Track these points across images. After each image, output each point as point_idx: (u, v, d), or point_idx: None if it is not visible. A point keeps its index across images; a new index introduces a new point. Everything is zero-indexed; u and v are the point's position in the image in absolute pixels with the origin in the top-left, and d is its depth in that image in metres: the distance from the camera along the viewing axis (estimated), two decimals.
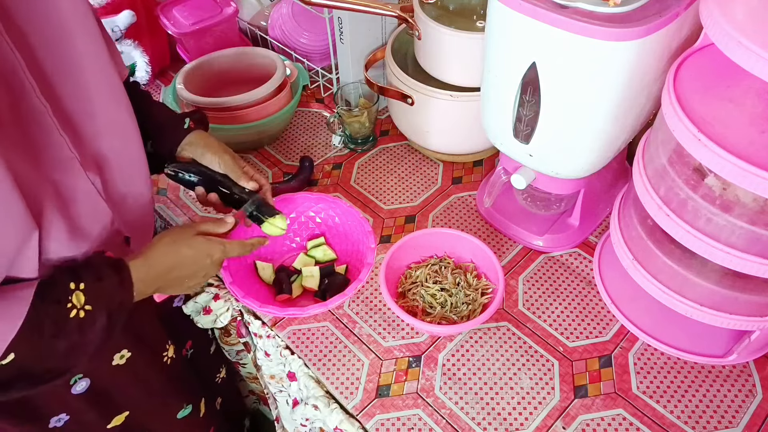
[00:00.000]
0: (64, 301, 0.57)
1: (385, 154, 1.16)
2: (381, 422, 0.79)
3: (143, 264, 0.65)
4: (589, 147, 0.78)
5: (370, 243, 0.88)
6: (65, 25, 0.60)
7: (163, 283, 0.68)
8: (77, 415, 0.77)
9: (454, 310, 0.86)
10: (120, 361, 0.79)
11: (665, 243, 0.73)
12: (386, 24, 1.17)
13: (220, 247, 0.73)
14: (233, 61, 1.21)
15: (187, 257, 0.70)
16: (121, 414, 0.83)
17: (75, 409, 0.77)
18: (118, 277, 0.62)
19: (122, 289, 0.62)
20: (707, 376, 0.81)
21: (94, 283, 0.59)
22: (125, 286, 0.62)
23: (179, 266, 0.69)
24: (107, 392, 0.80)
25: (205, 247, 0.71)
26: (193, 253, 0.70)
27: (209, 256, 0.71)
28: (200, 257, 0.71)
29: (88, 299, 0.58)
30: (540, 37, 0.68)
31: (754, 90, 0.62)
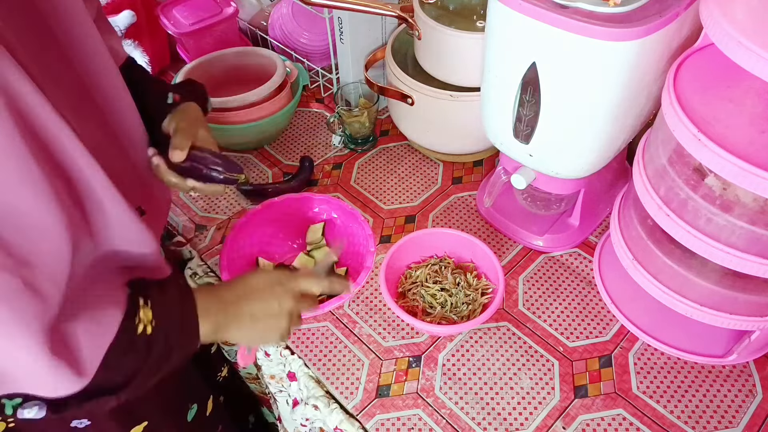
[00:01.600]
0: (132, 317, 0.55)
1: (385, 154, 1.16)
2: (381, 422, 0.79)
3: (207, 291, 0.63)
4: (589, 147, 0.78)
5: (370, 246, 0.88)
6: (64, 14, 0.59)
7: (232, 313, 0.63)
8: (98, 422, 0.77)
9: (454, 310, 0.86)
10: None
11: (665, 243, 0.73)
12: (386, 24, 1.17)
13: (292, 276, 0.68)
14: (233, 61, 1.21)
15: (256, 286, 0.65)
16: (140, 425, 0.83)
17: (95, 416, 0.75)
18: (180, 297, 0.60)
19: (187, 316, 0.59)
20: (707, 376, 0.81)
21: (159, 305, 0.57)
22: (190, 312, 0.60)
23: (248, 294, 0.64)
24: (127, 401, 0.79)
25: (276, 276, 0.67)
26: (263, 282, 0.66)
27: (281, 284, 0.66)
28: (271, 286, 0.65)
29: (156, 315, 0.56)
30: (540, 37, 0.68)
31: (754, 90, 0.62)
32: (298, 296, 0.67)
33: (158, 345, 0.57)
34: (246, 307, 0.64)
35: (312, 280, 0.69)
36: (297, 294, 0.67)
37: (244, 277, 0.66)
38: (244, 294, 0.64)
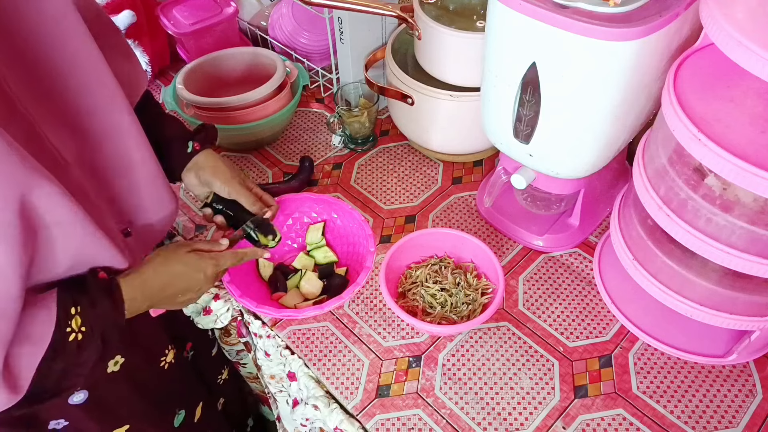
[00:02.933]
0: (63, 324, 0.57)
1: (385, 154, 1.16)
2: (381, 422, 0.79)
3: (136, 283, 0.66)
4: (589, 147, 0.78)
5: (370, 246, 0.88)
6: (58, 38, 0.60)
7: (156, 300, 0.69)
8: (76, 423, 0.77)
9: (454, 310, 0.86)
10: (114, 368, 0.78)
11: (665, 243, 0.73)
12: (386, 24, 1.17)
13: (212, 261, 0.74)
14: (233, 61, 1.21)
15: (179, 274, 0.71)
16: (121, 427, 0.83)
17: (74, 417, 0.77)
18: (109, 300, 0.63)
19: (115, 312, 0.63)
20: (707, 376, 0.81)
21: (88, 309, 0.60)
22: (117, 308, 0.63)
23: (172, 283, 0.70)
24: (107, 402, 0.79)
25: (196, 264, 0.72)
26: (185, 269, 0.71)
27: (202, 271, 0.72)
28: (192, 273, 0.72)
29: (84, 322, 0.59)
30: (540, 37, 0.68)
31: (754, 90, 0.62)
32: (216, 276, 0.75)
33: (88, 346, 0.60)
34: (169, 292, 0.70)
35: (228, 258, 0.76)
36: (216, 274, 0.75)
37: (168, 261, 0.70)
38: (168, 282, 0.69)
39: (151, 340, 0.87)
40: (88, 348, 0.60)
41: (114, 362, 0.78)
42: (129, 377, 0.81)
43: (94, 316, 0.60)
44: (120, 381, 0.80)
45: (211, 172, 0.81)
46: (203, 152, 0.82)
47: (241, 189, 0.82)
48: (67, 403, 0.75)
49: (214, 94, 1.12)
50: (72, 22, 0.61)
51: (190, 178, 0.82)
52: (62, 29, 0.60)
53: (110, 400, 0.80)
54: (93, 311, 0.60)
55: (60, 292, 0.59)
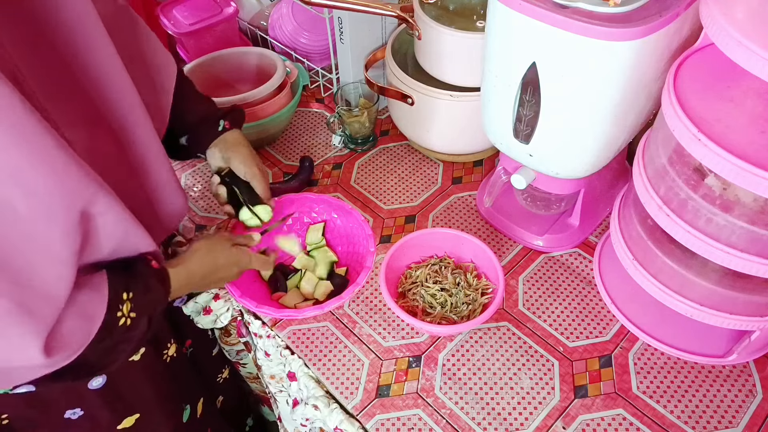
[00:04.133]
0: (114, 309, 0.59)
1: (385, 154, 1.16)
2: (381, 422, 0.79)
3: (183, 273, 0.70)
4: (589, 147, 0.78)
5: (370, 246, 0.88)
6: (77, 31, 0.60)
7: (194, 287, 0.75)
8: (91, 410, 0.79)
9: (454, 310, 0.86)
10: (135, 357, 0.81)
11: (665, 243, 0.73)
12: (386, 24, 1.17)
13: (247, 258, 0.81)
14: (233, 61, 1.21)
15: (221, 266, 0.77)
16: (132, 416, 0.84)
17: (89, 404, 0.78)
18: (163, 289, 0.66)
19: (164, 300, 0.67)
20: (707, 376, 0.81)
21: (143, 294, 0.63)
22: (167, 296, 0.67)
23: (212, 274, 0.75)
24: (121, 389, 0.81)
25: (237, 258, 0.79)
26: (227, 262, 0.77)
27: (238, 265, 0.79)
28: (231, 266, 0.78)
29: (134, 308, 0.62)
30: (540, 37, 0.68)
31: (754, 90, 0.62)
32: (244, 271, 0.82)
33: (135, 329, 0.63)
34: (207, 281, 0.76)
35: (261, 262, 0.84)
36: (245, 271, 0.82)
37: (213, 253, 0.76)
38: (210, 272, 0.75)
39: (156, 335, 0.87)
40: (135, 330, 0.63)
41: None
42: (144, 367, 0.83)
43: (146, 302, 0.63)
44: (137, 369, 0.82)
45: (234, 149, 0.86)
46: (232, 132, 0.87)
47: (257, 172, 0.86)
48: (86, 388, 0.76)
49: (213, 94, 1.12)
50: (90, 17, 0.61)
51: (215, 152, 0.87)
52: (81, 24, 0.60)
53: (125, 387, 0.81)
54: (145, 297, 0.63)
55: (111, 277, 0.60)
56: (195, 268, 0.73)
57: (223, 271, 0.77)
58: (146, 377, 0.84)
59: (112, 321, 0.59)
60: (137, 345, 0.65)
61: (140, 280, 0.63)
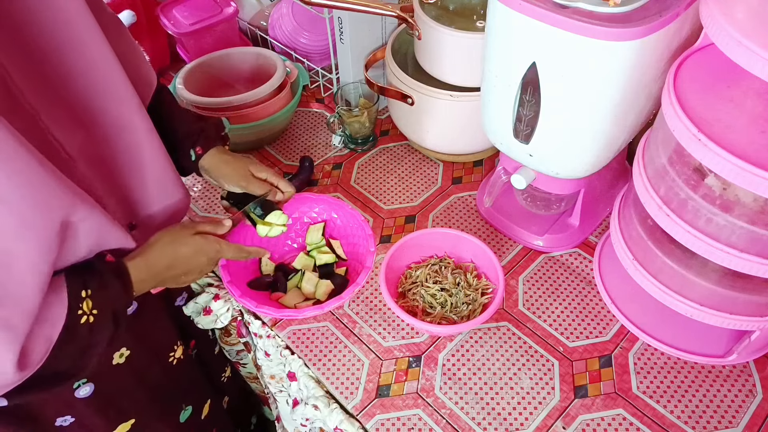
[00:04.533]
0: (75, 308, 0.58)
1: (385, 154, 1.16)
2: (381, 422, 0.79)
3: (142, 264, 0.67)
4: (589, 147, 0.78)
5: (370, 246, 0.88)
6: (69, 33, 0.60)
7: (161, 279, 0.71)
8: (82, 419, 0.78)
9: (454, 310, 0.86)
10: (120, 360, 0.79)
11: (665, 243, 0.73)
12: (386, 24, 1.17)
13: (216, 246, 0.75)
14: (233, 61, 1.21)
15: (184, 256, 0.72)
16: (127, 422, 0.83)
17: (79, 413, 0.77)
18: (120, 282, 0.64)
19: (125, 293, 0.64)
20: (707, 376, 0.81)
21: (102, 290, 0.61)
22: (127, 289, 0.65)
23: (176, 265, 0.71)
24: (112, 396, 0.80)
25: (201, 246, 0.74)
26: (190, 251, 0.72)
27: (205, 254, 0.74)
28: (197, 255, 0.73)
29: (95, 304, 0.60)
30: (540, 37, 0.68)
31: (754, 90, 0.62)
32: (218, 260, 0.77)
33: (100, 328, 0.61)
34: (173, 272, 0.72)
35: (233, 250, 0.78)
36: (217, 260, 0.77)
37: (174, 243, 0.71)
38: (172, 263, 0.71)
39: (160, 335, 0.87)
40: (101, 329, 0.61)
41: (119, 354, 0.79)
42: (134, 371, 0.81)
43: (106, 297, 0.62)
44: (125, 374, 0.81)
45: (216, 174, 0.84)
46: (207, 154, 0.84)
47: (249, 182, 0.84)
48: (73, 397, 0.75)
49: (214, 94, 1.12)
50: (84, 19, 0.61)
51: (205, 176, 0.85)
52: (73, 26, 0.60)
53: (115, 394, 0.81)
54: (104, 293, 0.61)
55: (68, 276, 0.59)
56: (155, 260, 0.69)
57: (189, 261, 0.73)
58: (139, 381, 0.83)
59: (74, 321, 0.58)
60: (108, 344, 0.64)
61: (96, 276, 0.62)
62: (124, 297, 0.64)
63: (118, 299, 0.63)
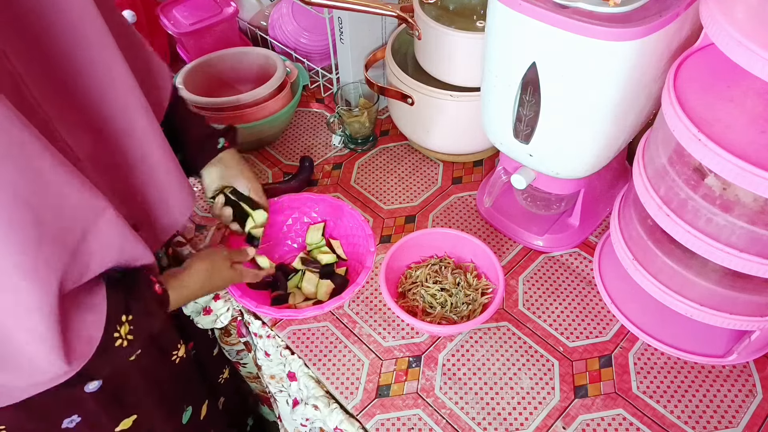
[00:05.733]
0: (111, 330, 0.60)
1: (385, 154, 1.16)
2: (381, 422, 0.79)
3: (183, 293, 0.71)
4: (589, 147, 0.78)
5: (370, 246, 0.88)
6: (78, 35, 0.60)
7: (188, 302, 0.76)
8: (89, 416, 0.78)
9: (454, 310, 0.86)
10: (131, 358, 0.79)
11: (665, 243, 0.73)
12: (386, 24, 1.17)
13: (240, 276, 0.82)
14: (233, 61, 1.21)
15: (217, 287, 0.79)
16: (129, 417, 0.83)
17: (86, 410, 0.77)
18: (162, 311, 0.67)
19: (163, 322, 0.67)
20: (707, 376, 0.81)
21: (143, 318, 0.63)
22: (166, 318, 0.68)
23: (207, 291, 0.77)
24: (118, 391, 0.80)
25: (232, 277, 0.81)
26: (223, 284, 0.80)
27: (231, 282, 0.82)
28: (226, 283, 0.81)
29: (134, 330, 0.62)
30: (540, 37, 0.68)
31: (754, 90, 0.62)
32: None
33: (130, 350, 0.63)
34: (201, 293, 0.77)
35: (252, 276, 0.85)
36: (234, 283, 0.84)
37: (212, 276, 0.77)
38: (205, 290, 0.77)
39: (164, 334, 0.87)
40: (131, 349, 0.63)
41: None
42: (141, 368, 0.82)
43: (147, 324, 0.64)
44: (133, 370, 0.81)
45: (238, 170, 0.87)
46: (229, 151, 0.87)
47: (259, 187, 0.88)
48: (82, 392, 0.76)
49: (214, 94, 1.12)
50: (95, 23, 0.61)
51: (212, 173, 0.86)
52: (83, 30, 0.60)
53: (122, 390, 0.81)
54: (145, 320, 0.63)
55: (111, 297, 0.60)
56: (194, 288, 0.74)
57: (216, 288, 0.79)
58: (145, 379, 0.83)
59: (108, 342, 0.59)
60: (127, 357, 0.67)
61: (142, 304, 0.63)
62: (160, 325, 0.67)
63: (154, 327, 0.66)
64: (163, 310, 0.67)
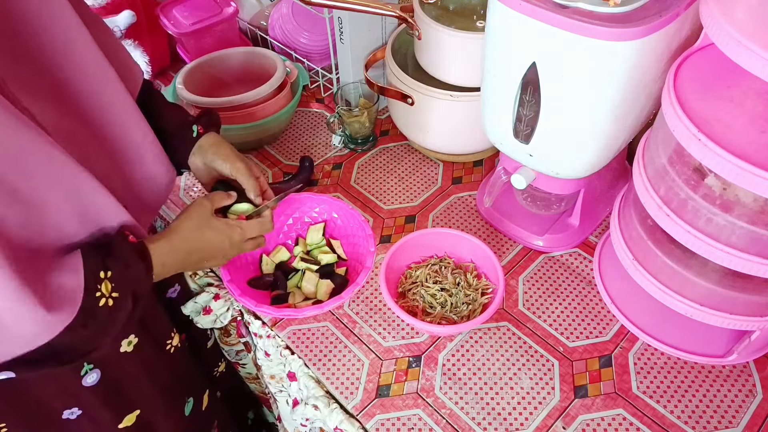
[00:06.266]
0: (93, 289, 0.57)
1: (385, 154, 1.16)
2: (381, 422, 0.79)
3: (166, 248, 0.67)
4: (589, 147, 0.78)
5: (370, 246, 0.88)
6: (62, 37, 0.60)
7: (183, 265, 0.70)
8: (89, 410, 0.77)
9: (454, 310, 0.86)
10: (128, 348, 0.79)
11: (665, 243, 0.73)
12: (386, 24, 1.17)
13: (238, 229, 0.75)
14: (233, 61, 1.21)
15: (209, 240, 0.72)
16: (132, 413, 0.83)
17: (87, 404, 0.77)
18: (143, 264, 0.63)
19: (146, 276, 0.63)
20: (707, 376, 0.81)
21: (122, 271, 0.60)
22: (149, 272, 0.64)
23: (200, 249, 0.71)
24: (118, 385, 0.79)
25: (226, 230, 0.74)
26: (215, 235, 0.73)
27: (229, 238, 0.74)
28: (222, 240, 0.73)
29: (116, 287, 0.59)
30: (540, 37, 0.68)
31: (754, 90, 0.62)
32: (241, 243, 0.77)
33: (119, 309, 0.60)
34: (196, 257, 0.71)
35: (255, 226, 0.78)
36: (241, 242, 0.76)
37: (198, 227, 0.71)
38: (197, 248, 0.70)
39: (158, 323, 0.87)
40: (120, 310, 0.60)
41: (128, 342, 0.78)
42: (140, 359, 0.81)
43: (127, 278, 0.60)
44: (131, 362, 0.80)
45: (214, 150, 0.82)
46: (207, 136, 0.83)
47: (243, 168, 0.81)
48: (80, 385, 0.75)
49: (214, 94, 1.12)
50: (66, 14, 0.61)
51: (196, 162, 0.83)
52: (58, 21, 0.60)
53: (122, 383, 0.80)
54: (125, 273, 0.60)
55: (87, 257, 0.58)
56: (179, 244, 0.68)
57: (213, 246, 0.72)
58: (144, 370, 0.83)
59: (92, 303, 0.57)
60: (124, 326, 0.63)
61: (118, 257, 0.60)
62: (146, 279, 0.63)
63: (139, 281, 0.62)
64: (143, 261, 0.63)
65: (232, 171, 0.81)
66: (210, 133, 0.84)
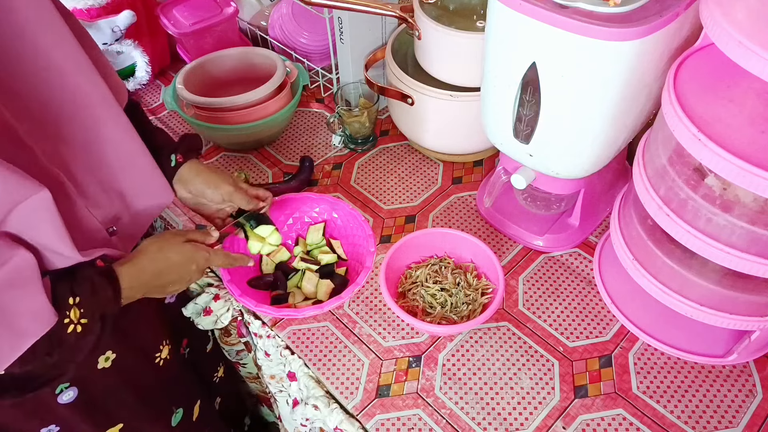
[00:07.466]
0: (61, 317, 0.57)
1: (385, 154, 1.16)
2: (381, 422, 0.79)
3: (133, 271, 0.67)
4: (589, 147, 0.78)
5: (370, 246, 0.88)
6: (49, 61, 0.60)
7: (149, 288, 0.70)
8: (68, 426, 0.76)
9: (454, 310, 0.86)
10: (105, 364, 0.78)
11: (665, 243, 0.73)
12: (386, 24, 1.17)
13: (205, 254, 0.76)
14: (233, 61, 1.21)
15: (175, 264, 0.72)
16: (115, 426, 0.82)
17: (64, 420, 0.76)
18: (111, 288, 0.63)
19: (114, 300, 0.63)
20: (707, 376, 0.81)
21: (90, 297, 0.60)
22: (116, 296, 0.64)
23: (166, 272, 0.71)
24: (97, 400, 0.78)
25: (191, 255, 0.74)
26: (180, 259, 0.73)
27: (194, 261, 0.74)
28: (186, 263, 0.73)
29: (85, 313, 0.59)
30: (540, 37, 0.68)
31: (754, 90, 0.62)
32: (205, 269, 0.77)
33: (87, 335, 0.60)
34: (162, 281, 0.71)
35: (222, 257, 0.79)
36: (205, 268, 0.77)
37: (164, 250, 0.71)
38: (163, 270, 0.71)
39: (145, 336, 0.86)
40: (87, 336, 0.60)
41: (105, 358, 0.78)
42: (120, 374, 0.80)
43: (96, 303, 0.60)
44: (111, 377, 0.79)
45: (200, 181, 0.82)
46: (187, 164, 0.82)
47: (234, 191, 0.82)
48: (56, 403, 0.74)
49: (214, 94, 1.12)
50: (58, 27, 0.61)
51: (182, 192, 0.82)
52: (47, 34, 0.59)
53: (101, 398, 0.79)
54: (93, 299, 0.60)
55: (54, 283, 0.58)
56: (145, 266, 0.68)
57: (178, 269, 0.73)
58: (126, 384, 0.82)
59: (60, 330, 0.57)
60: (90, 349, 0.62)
61: (86, 282, 0.60)
62: (114, 303, 0.63)
63: (107, 305, 0.62)
64: (111, 285, 0.63)
65: (224, 198, 0.82)
66: (189, 162, 0.82)
